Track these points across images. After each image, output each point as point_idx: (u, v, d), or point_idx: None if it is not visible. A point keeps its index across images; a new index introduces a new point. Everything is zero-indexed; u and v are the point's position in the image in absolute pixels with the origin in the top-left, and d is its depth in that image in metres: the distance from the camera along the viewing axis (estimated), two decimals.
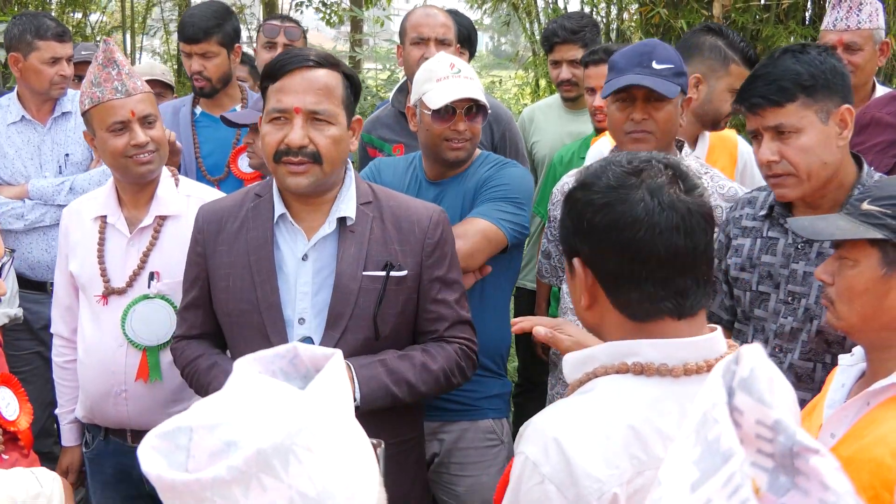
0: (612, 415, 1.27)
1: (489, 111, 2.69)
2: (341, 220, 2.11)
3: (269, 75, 2.07)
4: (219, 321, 2.22)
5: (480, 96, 2.59)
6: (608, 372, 1.31)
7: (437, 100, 2.57)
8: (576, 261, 1.35)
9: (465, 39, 3.79)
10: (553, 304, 3.61)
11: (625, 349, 1.32)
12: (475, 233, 2.50)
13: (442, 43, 3.37)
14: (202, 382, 2.19)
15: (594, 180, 1.34)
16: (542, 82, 7.22)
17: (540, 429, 1.26)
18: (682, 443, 0.77)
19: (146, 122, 2.47)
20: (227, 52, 3.54)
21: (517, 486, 1.26)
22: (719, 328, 1.37)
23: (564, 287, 2.75)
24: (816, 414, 1.71)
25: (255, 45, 4.28)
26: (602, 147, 3.12)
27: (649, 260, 1.28)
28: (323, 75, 2.05)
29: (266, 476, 0.83)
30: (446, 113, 2.58)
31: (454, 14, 3.99)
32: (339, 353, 0.98)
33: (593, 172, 1.36)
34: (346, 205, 2.12)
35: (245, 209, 2.18)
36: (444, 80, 2.60)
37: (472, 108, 2.59)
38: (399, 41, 3.61)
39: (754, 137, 2.15)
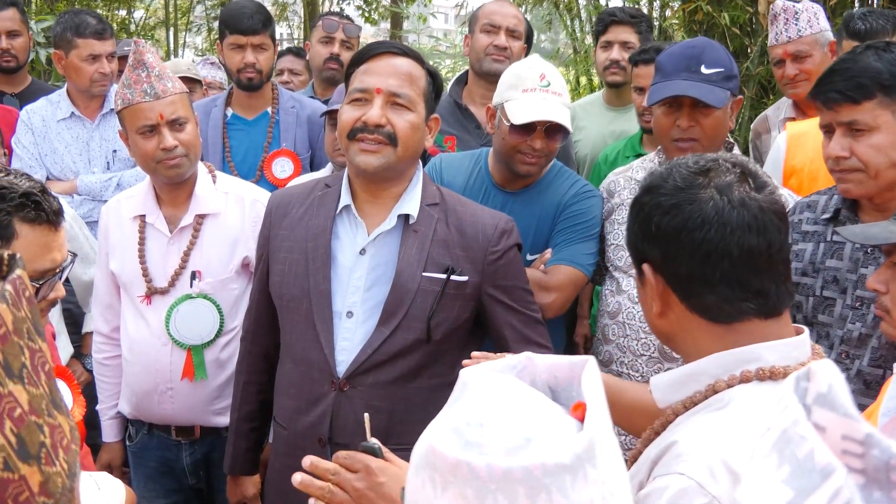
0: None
1: (570, 131, 2.64)
2: (403, 218, 2.10)
3: (356, 61, 2.11)
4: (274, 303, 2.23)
5: (564, 118, 2.53)
6: (732, 384, 1.25)
7: (518, 115, 2.52)
8: (645, 267, 1.31)
9: (526, 38, 3.80)
10: (595, 302, 3.58)
11: (741, 357, 1.26)
12: (567, 284, 2.52)
13: (512, 34, 3.40)
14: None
15: (661, 183, 1.30)
16: (583, 80, 7.17)
17: (695, 450, 1.18)
18: (761, 463, 0.75)
19: (176, 124, 2.47)
20: (273, 48, 3.57)
21: None
22: (806, 329, 1.32)
23: (605, 287, 2.73)
24: (871, 423, 1.68)
25: (297, 40, 4.32)
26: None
27: (721, 261, 1.24)
28: (408, 63, 2.08)
29: (590, 466, 0.81)
30: (525, 127, 2.53)
31: None
32: (592, 359, 0.95)
33: (659, 175, 1.33)
34: (410, 203, 2.10)
35: (312, 197, 2.19)
36: (530, 93, 2.55)
37: (553, 127, 2.54)
38: (469, 31, 3.63)
39: (826, 131, 2.10)
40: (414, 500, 0.88)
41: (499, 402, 0.87)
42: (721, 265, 1.25)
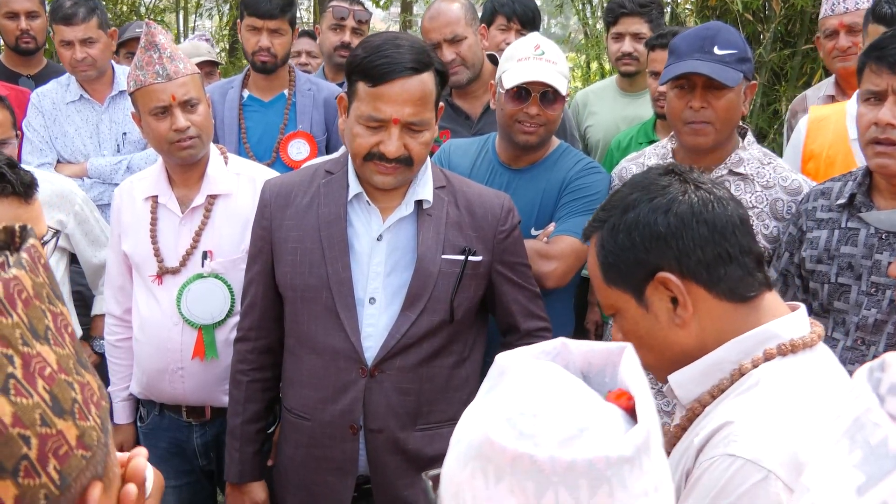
0: (806, 397, 1.23)
1: (566, 98, 2.64)
2: (417, 203, 2.12)
3: (367, 76, 1.99)
4: (281, 295, 2.21)
5: (557, 81, 2.54)
6: (757, 363, 1.26)
7: (510, 79, 2.54)
8: (662, 274, 1.30)
9: (530, 21, 3.76)
10: None
11: (758, 337, 1.28)
12: (569, 253, 2.50)
13: (453, 42, 3.24)
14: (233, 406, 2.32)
15: (639, 196, 1.33)
16: (594, 65, 7.14)
17: (742, 429, 1.20)
18: (832, 449, 0.73)
19: (188, 105, 2.46)
20: (291, 32, 3.56)
21: (728, 489, 1.17)
22: (802, 304, 1.37)
23: None
24: None
25: (307, 24, 4.28)
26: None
27: (735, 231, 1.31)
28: (420, 83, 2.00)
29: (646, 457, 0.82)
30: (520, 94, 2.54)
31: None
32: (629, 346, 0.95)
33: (626, 193, 1.35)
34: (424, 188, 2.13)
35: (316, 185, 2.17)
36: (524, 61, 2.57)
37: (549, 93, 2.54)
38: None
39: (871, 97, 2.05)
40: (458, 492, 0.86)
41: (546, 390, 0.87)
42: (735, 237, 1.31)
